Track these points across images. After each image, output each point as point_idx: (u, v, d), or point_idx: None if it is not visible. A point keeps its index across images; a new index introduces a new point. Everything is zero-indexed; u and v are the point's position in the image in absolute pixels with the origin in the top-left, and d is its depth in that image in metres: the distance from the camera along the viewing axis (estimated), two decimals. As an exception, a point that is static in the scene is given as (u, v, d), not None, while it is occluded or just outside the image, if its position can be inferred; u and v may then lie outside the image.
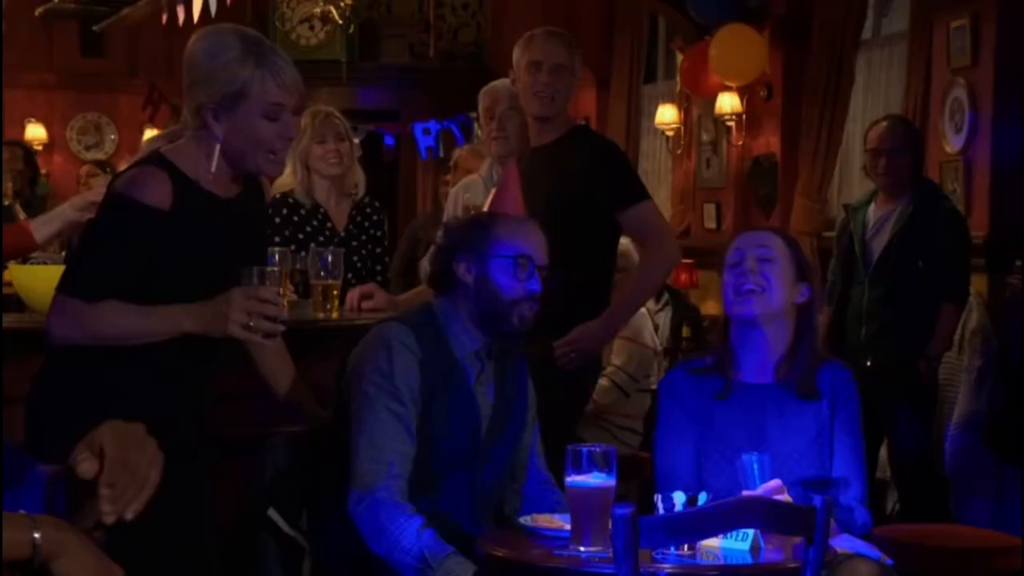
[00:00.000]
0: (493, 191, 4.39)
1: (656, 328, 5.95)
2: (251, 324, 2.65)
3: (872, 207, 5.20)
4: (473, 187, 4.89)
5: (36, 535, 1.69)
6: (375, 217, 4.53)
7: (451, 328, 2.99)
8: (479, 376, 3.01)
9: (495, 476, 3.04)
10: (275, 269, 2.73)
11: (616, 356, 5.07)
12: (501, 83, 4.56)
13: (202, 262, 2.75)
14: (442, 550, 2.77)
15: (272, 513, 2.96)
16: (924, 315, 4.98)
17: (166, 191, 2.71)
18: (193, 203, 2.75)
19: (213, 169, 2.77)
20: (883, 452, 5.23)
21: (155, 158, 2.79)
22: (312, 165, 4.40)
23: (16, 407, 3.22)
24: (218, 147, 2.75)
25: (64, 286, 2.76)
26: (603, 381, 4.94)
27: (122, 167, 6.30)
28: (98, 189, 4.55)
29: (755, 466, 2.71)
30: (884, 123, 5.34)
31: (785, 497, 2.68)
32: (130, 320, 2.71)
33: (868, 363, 4.96)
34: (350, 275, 4.18)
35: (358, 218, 4.48)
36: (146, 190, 2.71)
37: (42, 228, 4.22)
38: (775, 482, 2.70)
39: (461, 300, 3.00)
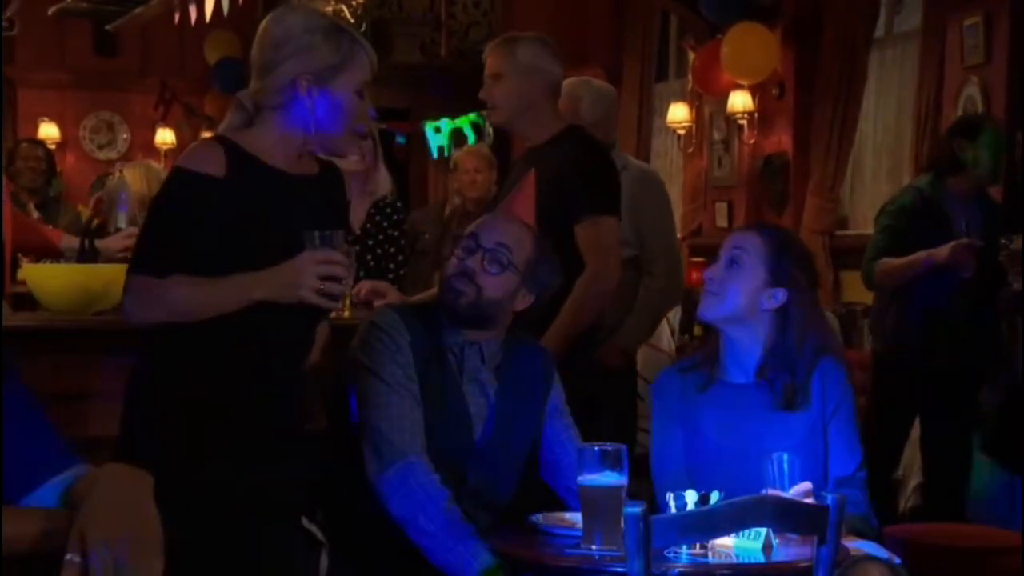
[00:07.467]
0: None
1: (672, 332, 5.95)
2: (322, 287, 2.67)
3: (950, 202, 4.85)
4: None
5: (48, 525, 1.69)
6: (395, 217, 4.51)
7: (444, 321, 3.00)
8: (469, 371, 2.99)
9: (488, 473, 3.00)
10: (339, 232, 2.74)
11: (633, 361, 5.06)
12: None
13: (263, 233, 2.74)
14: (465, 528, 2.77)
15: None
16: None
17: (219, 159, 2.73)
18: (251, 174, 2.75)
19: (297, 141, 2.79)
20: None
21: (216, 136, 2.83)
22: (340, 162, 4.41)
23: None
24: (309, 118, 2.77)
25: (132, 265, 2.77)
26: (620, 385, 4.93)
27: (134, 165, 6.35)
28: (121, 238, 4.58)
29: (784, 465, 2.68)
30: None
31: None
32: (199, 291, 2.70)
33: (948, 363, 4.84)
34: (362, 273, 4.17)
35: (377, 217, 4.46)
36: (198, 159, 2.75)
37: (67, 240, 4.50)
38: (805, 484, 2.67)
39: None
